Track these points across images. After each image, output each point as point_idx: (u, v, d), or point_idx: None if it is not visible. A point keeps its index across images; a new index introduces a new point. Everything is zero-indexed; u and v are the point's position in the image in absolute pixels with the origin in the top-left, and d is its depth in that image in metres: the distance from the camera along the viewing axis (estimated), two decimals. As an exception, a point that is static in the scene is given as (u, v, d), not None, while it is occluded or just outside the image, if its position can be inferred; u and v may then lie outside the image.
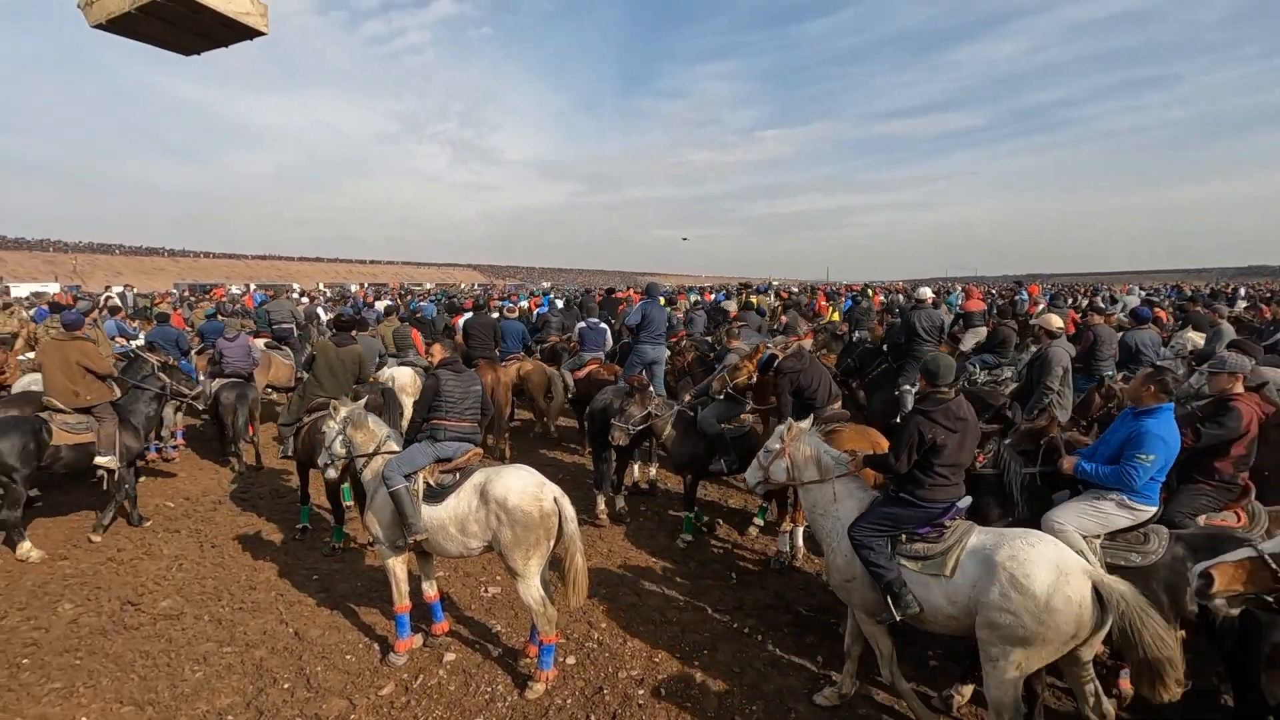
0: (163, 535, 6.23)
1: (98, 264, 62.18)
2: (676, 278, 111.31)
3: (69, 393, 5.88)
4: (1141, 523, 3.53)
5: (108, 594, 5.12)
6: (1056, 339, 5.23)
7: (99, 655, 4.32)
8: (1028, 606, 2.98)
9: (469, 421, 4.57)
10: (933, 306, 7.93)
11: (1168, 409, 3.54)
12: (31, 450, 5.58)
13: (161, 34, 6.23)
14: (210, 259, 78.72)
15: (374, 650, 4.41)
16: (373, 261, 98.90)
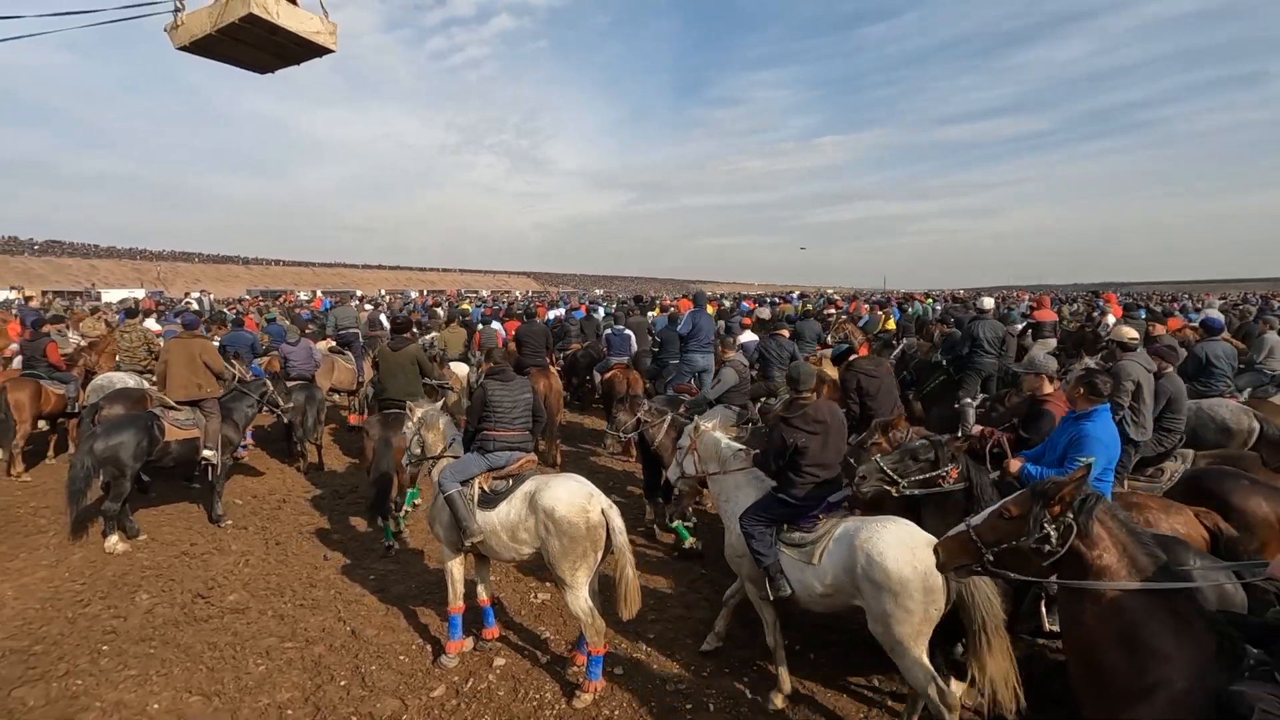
0: (231, 532, 6.52)
1: (179, 271, 65.86)
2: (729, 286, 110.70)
3: (192, 385, 6.38)
4: None
5: (180, 586, 5.38)
6: (1130, 351, 4.94)
7: (171, 645, 4.53)
8: (884, 581, 3.34)
9: (519, 431, 4.62)
10: (996, 317, 7.64)
11: (1103, 410, 3.64)
12: (144, 447, 6.01)
13: (240, 54, 6.59)
14: (280, 266, 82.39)
15: (426, 652, 4.50)
16: (431, 269, 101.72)
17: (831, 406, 4.17)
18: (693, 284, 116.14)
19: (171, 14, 6.13)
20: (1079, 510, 2.37)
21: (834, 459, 3.99)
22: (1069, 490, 2.38)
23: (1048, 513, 2.41)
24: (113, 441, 5.85)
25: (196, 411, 6.41)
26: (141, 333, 8.47)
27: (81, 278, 55.07)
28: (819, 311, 16.72)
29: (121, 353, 8.18)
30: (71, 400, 7.98)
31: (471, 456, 4.55)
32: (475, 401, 4.64)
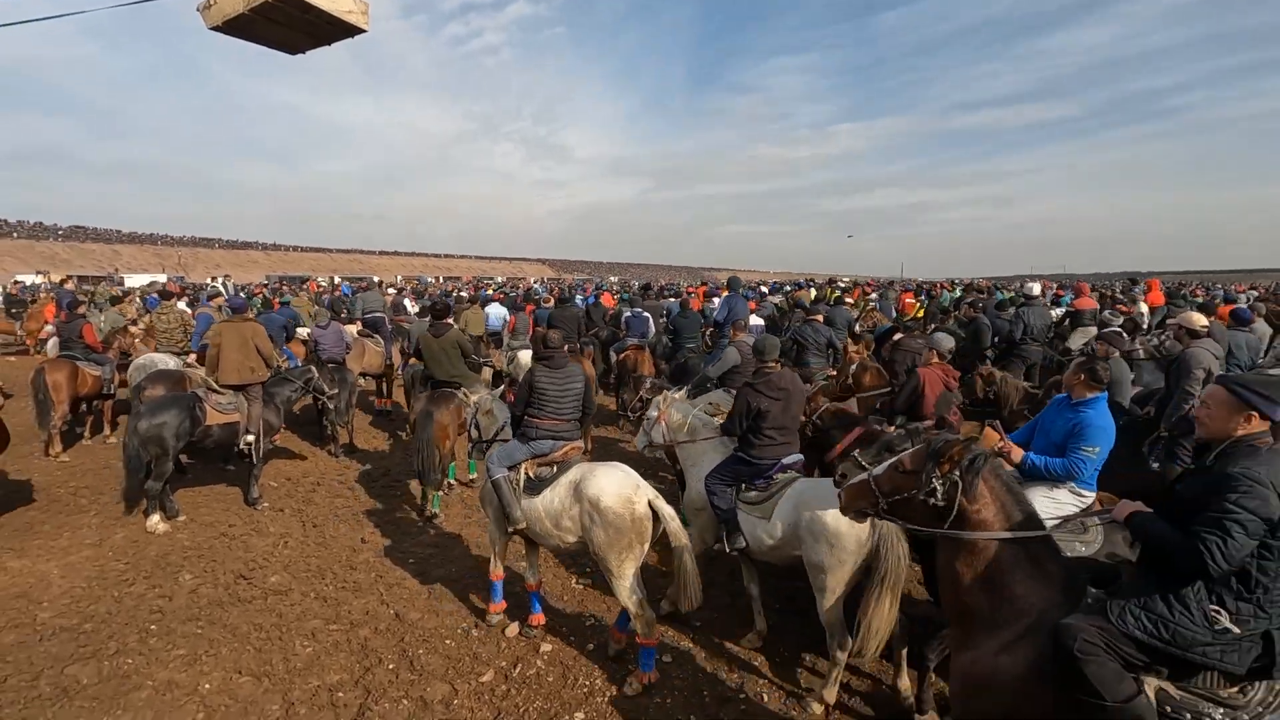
0: (269, 514, 6.53)
1: (199, 257, 66.49)
2: (746, 273, 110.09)
3: (245, 368, 6.39)
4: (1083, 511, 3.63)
5: (222, 567, 5.39)
6: (1199, 339, 4.76)
7: (218, 625, 4.53)
8: (822, 534, 3.71)
9: (564, 420, 4.53)
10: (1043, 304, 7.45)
11: (1102, 399, 3.66)
12: (186, 428, 6.03)
13: (271, 34, 6.53)
14: (299, 252, 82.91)
15: (471, 637, 4.46)
16: (447, 255, 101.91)
17: (792, 376, 4.64)
18: (708, 271, 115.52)
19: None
20: (966, 469, 2.60)
21: (792, 424, 4.49)
22: (958, 450, 2.62)
23: (938, 470, 2.63)
24: (156, 421, 5.86)
25: (239, 396, 6.40)
26: (178, 314, 8.50)
27: (105, 263, 55.74)
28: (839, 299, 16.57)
29: (159, 334, 8.21)
30: (107, 381, 8.02)
31: (515, 443, 4.54)
32: (522, 387, 4.58)
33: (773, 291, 19.20)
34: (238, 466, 7.30)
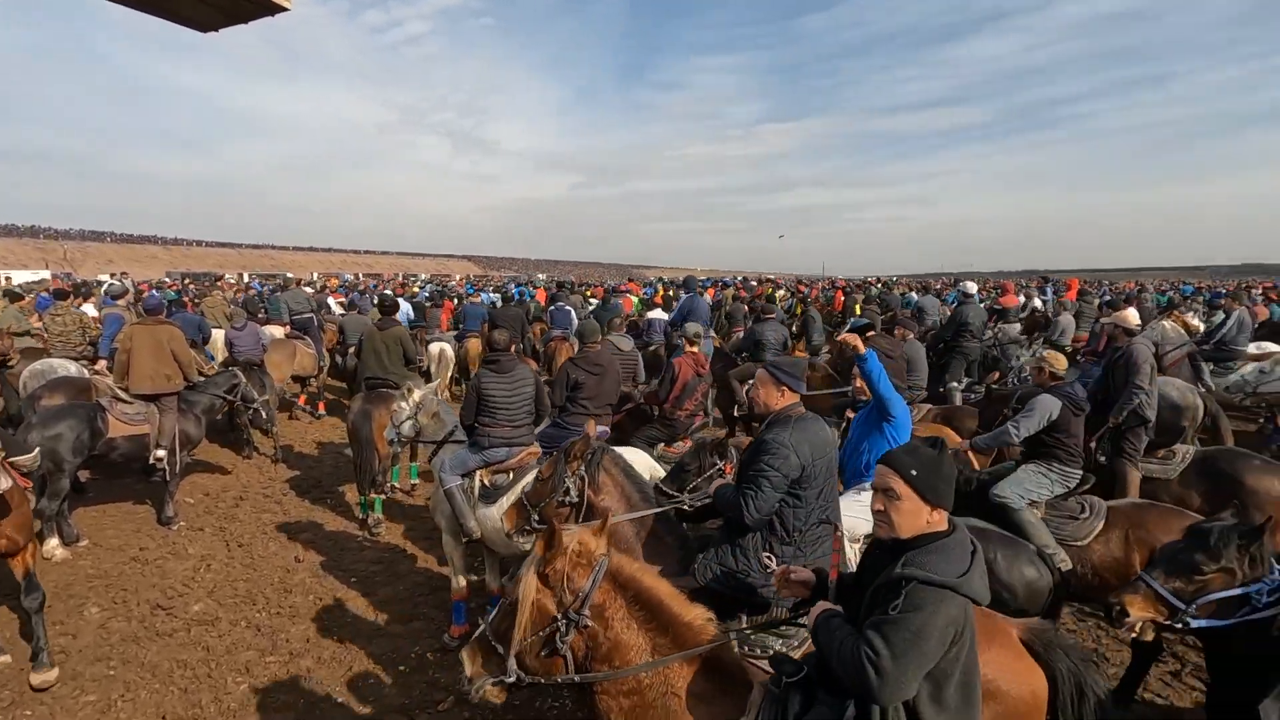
0: (187, 534, 5.94)
1: (89, 252, 61.27)
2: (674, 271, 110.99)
3: (160, 376, 5.78)
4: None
5: (135, 597, 4.84)
6: (1135, 336, 4.93)
7: (134, 665, 4.04)
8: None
9: (518, 428, 4.39)
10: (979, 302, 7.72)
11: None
12: (85, 440, 5.37)
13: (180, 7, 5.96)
14: (203, 247, 77.75)
15: (427, 661, 4.14)
16: (368, 252, 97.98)
17: (609, 356, 5.23)
18: (638, 269, 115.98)
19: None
20: (589, 463, 2.93)
21: (606, 397, 5.06)
22: (579, 446, 2.93)
23: (569, 469, 2.91)
24: (50, 433, 5.18)
25: (150, 406, 5.77)
26: (76, 316, 7.62)
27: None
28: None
29: (53, 337, 7.35)
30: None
31: (467, 451, 4.40)
32: (469, 394, 4.40)
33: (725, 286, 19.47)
34: (148, 483, 6.63)
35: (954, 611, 1.65)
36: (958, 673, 1.70)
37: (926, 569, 1.67)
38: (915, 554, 1.73)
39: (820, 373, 6.82)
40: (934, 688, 1.68)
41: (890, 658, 1.60)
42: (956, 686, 1.70)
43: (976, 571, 1.72)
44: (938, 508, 1.79)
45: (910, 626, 1.62)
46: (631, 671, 1.93)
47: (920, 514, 1.78)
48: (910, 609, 1.63)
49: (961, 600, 1.67)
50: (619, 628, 1.96)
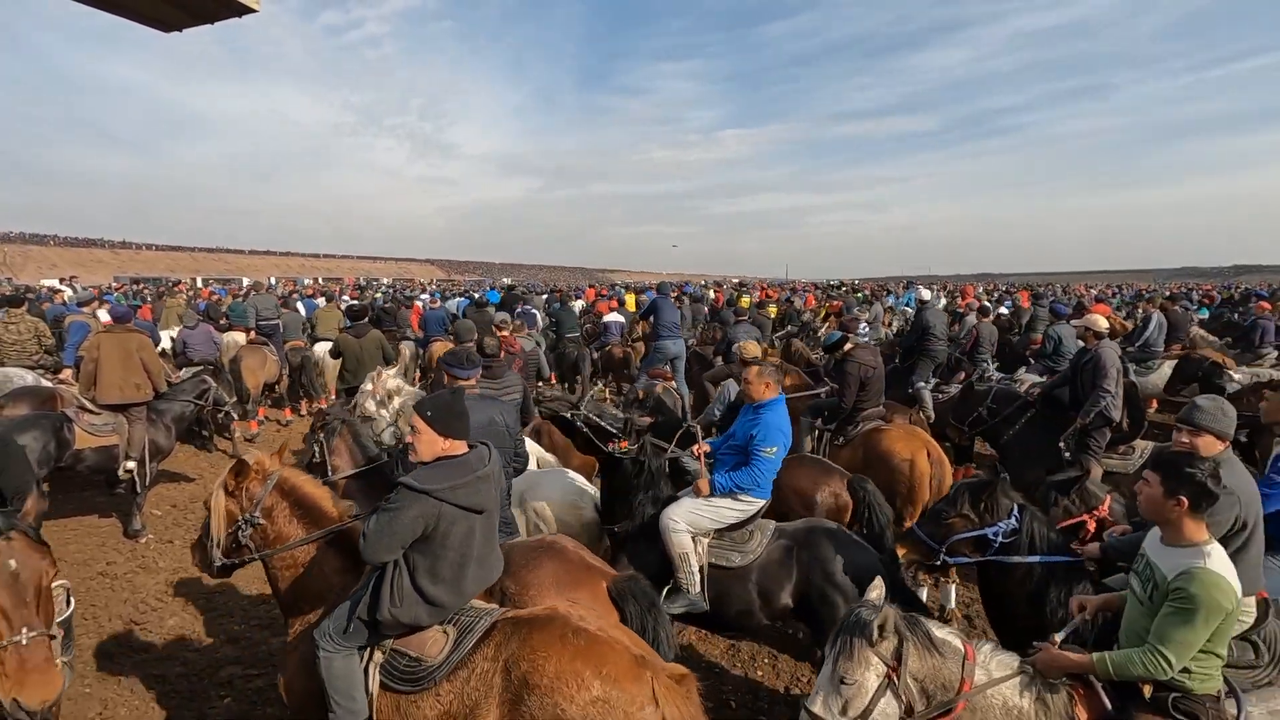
0: (155, 547, 5.79)
1: (30, 255, 58.65)
2: (638, 275, 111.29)
3: (128, 385, 5.60)
4: (749, 519, 3.57)
5: (106, 613, 4.71)
6: (1103, 339, 5.12)
7: (110, 683, 3.93)
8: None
9: None
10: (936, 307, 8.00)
11: (780, 400, 3.71)
12: (51, 451, 5.18)
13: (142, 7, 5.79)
14: (153, 251, 75.11)
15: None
16: (326, 255, 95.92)
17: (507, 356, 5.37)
18: (601, 273, 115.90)
19: (59, -44, 5.32)
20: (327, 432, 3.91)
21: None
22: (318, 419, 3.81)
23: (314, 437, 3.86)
24: None
25: (118, 416, 5.61)
26: (31, 323, 7.33)
27: (-93, 262, 48.04)
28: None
29: (6, 346, 7.06)
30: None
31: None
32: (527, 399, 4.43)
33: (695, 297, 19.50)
34: (110, 495, 6.44)
35: (423, 509, 2.24)
36: (448, 554, 2.32)
37: (414, 478, 2.28)
38: (420, 469, 2.35)
39: (792, 376, 6.96)
40: (430, 563, 2.30)
41: (368, 532, 2.24)
42: (449, 565, 2.33)
43: (471, 489, 2.33)
44: (448, 438, 2.39)
45: (387, 514, 2.24)
46: (287, 548, 2.68)
47: (435, 444, 2.38)
48: (390, 503, 2.26)
49: (434, 501, 2.25)
50: (282, 522, 2.71)
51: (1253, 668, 2.45)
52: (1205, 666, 2.09)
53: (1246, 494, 2.48)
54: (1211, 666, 2.10)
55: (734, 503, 3.52)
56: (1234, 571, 2.07)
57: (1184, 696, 2.10)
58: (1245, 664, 2.44)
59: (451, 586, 2.34)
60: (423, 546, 2.29)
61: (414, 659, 2.34)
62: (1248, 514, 2.45)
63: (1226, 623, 2.05)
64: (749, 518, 3.56)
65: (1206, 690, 2.10)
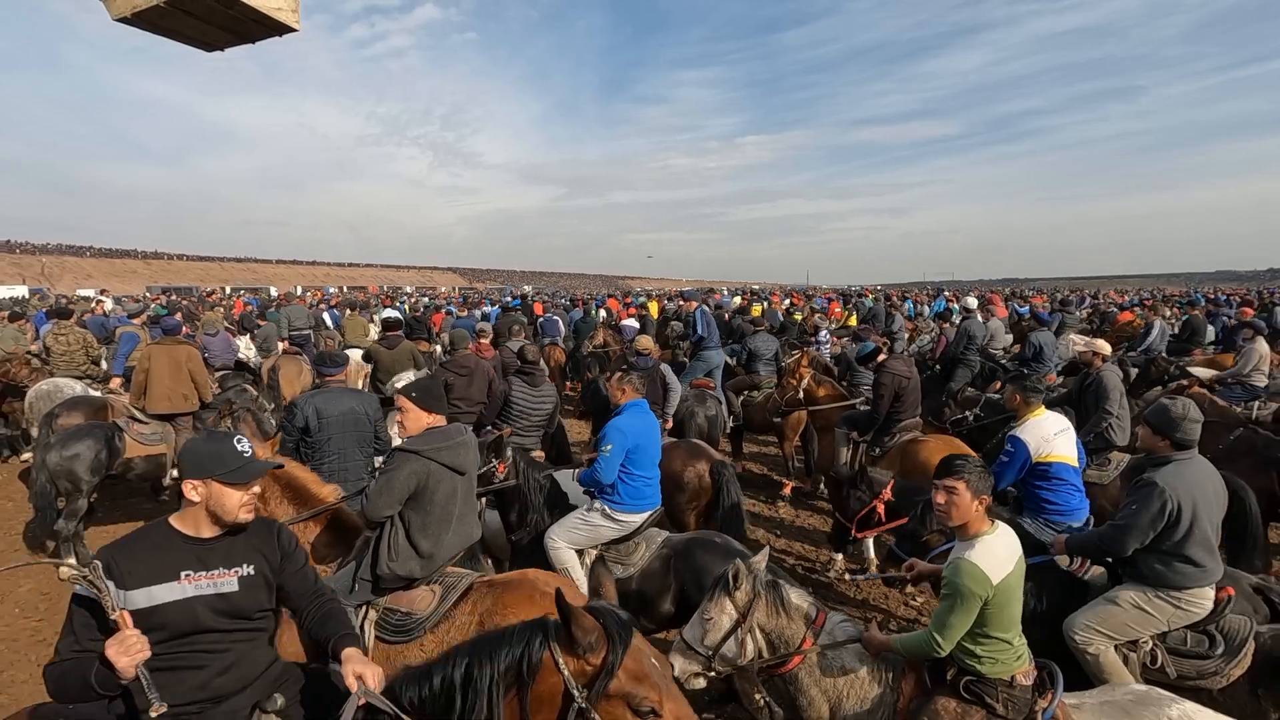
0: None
1: (67, 266, 60.35)
2: (658, 282, 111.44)
3: (177, 396, 5.79)
4: (632, 532, 3.64)
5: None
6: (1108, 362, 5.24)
7: (164, 687, 4.04)
8: None
9: (532, 437, 4.55)
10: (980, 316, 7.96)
11: (633, 404, 3.84)
12: (103, 460, 5.37)
13: (187, 29, 5.94)
14: (184, 261, 76.90)
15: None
16: (351, 264, 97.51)
17: (476, 359, 5.54)
18: (622, 280, 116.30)
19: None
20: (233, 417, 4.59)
21: (475, 395, 5.35)
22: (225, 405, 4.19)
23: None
24: (68, 452, 5.19)
25: (166, 426, 5.77)
26: (80, 335, 7.56)
27: (-49, 273, 49.65)
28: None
29: (56, 357, 7.28)
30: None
31: None
32: (496, 397, 4.57)
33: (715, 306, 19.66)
34: (156, 503, 6.60)
35: (415, 466, 2.66)
36: (435, 511, 2.70)
37: (406, 442, 2.74)
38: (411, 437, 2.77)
39: (826, 387, 6.93)
40: (421, 519, 2.69)
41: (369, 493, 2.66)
42: (436, 521, 2.71)
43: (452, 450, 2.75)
44: (431, 412, 2.84)
45: (386, 475, 2.67)
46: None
47: (421, 419, 2.81)
48: (388, 465, 2.71)
49: (424, 460, 2.66)
50: (271, 502, 3.00)
51: (1205, 658, 2.60)
52: (992, 651, 2.25)
53: (1184, 490, 2.65)
54: (998, 651, 2.24)
55: (608, 521, 3.61)
56: (996, 561, 2.23)
57: (976, 680, 2.25)
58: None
59: (438, 541, 2.72)
60: (414, 504, 2.68)
61: (405, 614, 2.66)
62: (1184, 508, 2.62)
63: (993, 608, 2.20)
64: (633, 531, 3.63)
65: (997, 674, 2.24)
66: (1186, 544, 2.67)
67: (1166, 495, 2.64)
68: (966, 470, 2.32)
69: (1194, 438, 2.80)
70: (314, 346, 10.57)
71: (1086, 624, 2.77)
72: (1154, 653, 2.73)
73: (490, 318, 12.46)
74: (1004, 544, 2.31)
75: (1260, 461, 4.87)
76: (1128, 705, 2.23)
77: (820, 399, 6.81)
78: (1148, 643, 2.75)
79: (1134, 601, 2.72)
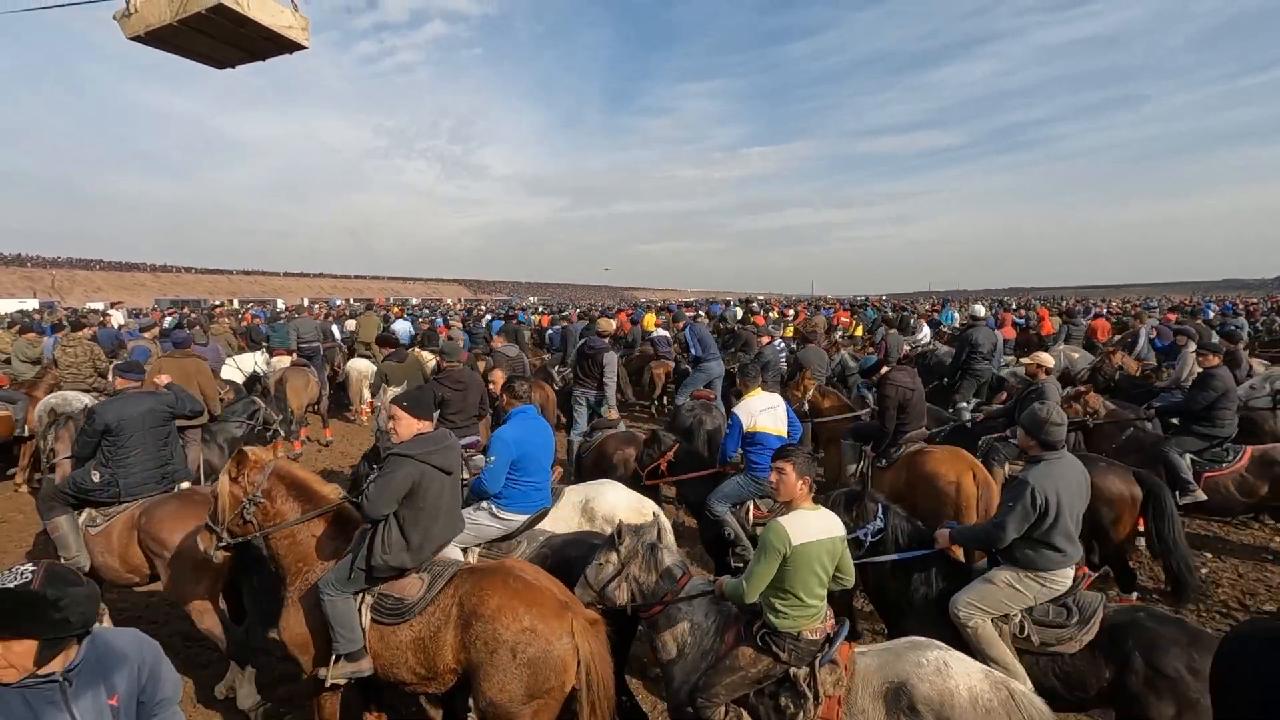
0: (209, 565, 5.95)
1: (76, 279, 60.92)
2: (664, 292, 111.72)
3: None
4: (514, 532, 3.87)
5: (165, 629, 4.87)
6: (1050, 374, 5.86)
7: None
8: None
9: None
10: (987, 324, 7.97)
11: (518, 412, 4.07)
12: None
13: (199, 47, 5.99)
14: (193, 274, 77.54)
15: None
16: (358, 276, 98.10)
17: (471, 373, 5.72)
18: (628, 290, 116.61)
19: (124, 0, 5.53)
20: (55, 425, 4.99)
21: (469, 409, 5.54)
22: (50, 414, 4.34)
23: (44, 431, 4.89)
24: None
25: None
26: (87, 347, 7.63)
27: (-39, 286, 50.15)
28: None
29: (64, 369, 7.34)
30: (20, 422, 7.14)
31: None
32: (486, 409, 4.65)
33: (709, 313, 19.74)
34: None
35: (410, 469, 2.97)
36: (425, 508, 3.02)
37: (401, 448, 3.03)
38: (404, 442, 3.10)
39: (831, 399, 6.92)
40: (413, 515, 2.98)
41: (369, 494, 2.93)
42: (426, 516, 3.03)
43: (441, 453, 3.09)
44: (421, 419, 3.20)
45: (384, 477, 2.95)
46: (288, 525, 3.20)
47: (412, 425, 3.16)
48: (385, 469, 3.00)
49: (417, 463, 2.99)
50: (280, 501, 3.22)
51: (1063, 627, 3.04)
52: (788, 607, 2.68)
53: (1050, 486, 3.07)
54: (791, 607, 2.68)
55: (493, 520, 3.86)
56: (802, 528, 2.67)
57: (770, 633, 2.71)
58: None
59: (427, 534, 3.04)
60: (408, 502, 2.98)
61: (397, 599, 3.00)
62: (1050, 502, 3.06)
63: (790, 567, 2.63)
64: (515, 530, 3.88)
65: (787, 628, 2.67)
66: (1052, 533, 3.10)
67: (1035, 491, 3.06)
68: (794, 455, 2.78)
69: (1058, 439, 3.21)
70: (322, 359, 10.63)
71: (968, 601, 3.15)
72: (1022, 624, 3.12)
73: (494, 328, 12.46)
74: (818, 520, 2.74)
75: (1148, 457, 5.47)
76: (900, 650, 2.70)
77: (825, 410, 6.80)
78: (1017, 616, 3.14)
79: (1008, 581, 3.15)
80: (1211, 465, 5.40)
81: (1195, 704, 2.65)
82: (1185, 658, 2.73)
